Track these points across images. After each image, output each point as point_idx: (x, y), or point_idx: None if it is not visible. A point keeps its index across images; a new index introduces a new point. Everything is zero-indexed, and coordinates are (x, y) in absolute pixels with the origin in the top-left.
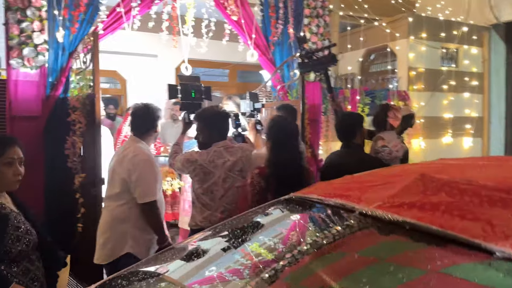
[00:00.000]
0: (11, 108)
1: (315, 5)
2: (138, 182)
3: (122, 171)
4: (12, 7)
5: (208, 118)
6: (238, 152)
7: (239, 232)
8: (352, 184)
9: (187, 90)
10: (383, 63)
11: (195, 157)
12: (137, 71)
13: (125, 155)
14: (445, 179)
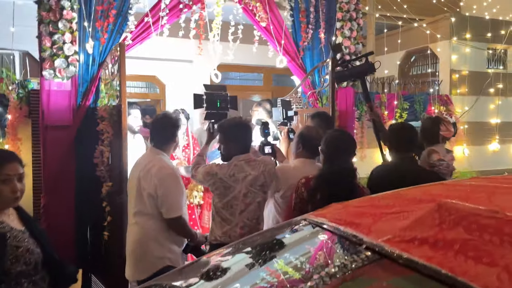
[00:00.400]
0: (44, 117)
1: (348, 8)
2: (164, 197)
3: (148, 186)
4: (44, 20)
5: (229, 129)
6: (260, 166)
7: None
8: (367, 209)
9: (212, 100)
10: (423, 65)
11: (215, 170)
12: (175, 76)
13: (149, 169)
14: (466, 209)
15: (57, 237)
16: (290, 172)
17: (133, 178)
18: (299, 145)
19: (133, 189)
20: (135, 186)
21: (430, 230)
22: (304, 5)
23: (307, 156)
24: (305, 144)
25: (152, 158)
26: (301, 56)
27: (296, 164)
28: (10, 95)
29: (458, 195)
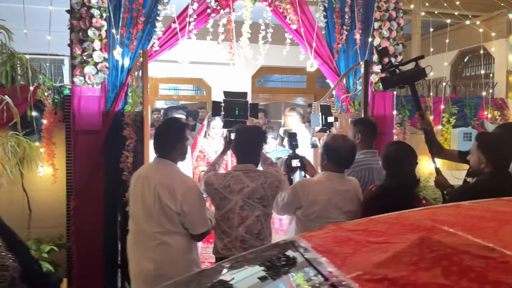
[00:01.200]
0: (74, 122)
1: (387, 7)
2: (192, 214)
3: (174, 205)
4: (75, 29)
5: (235, 137)
6: (260, 178)
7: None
8: (356, 235)
9: (230, 107)
10: (477, 66)
11: (212, 180)
12: (220, 79)
13: (168, 184)
14: (452, 245)
15: (86, 239)
16: (311, 187)
17: (146, 194)
18: (323, 156)
19: (150, 207)
20: (154, 204)
21: (404, 270)
22: (338, 5)
23: (333, 169)
24: (330, 156)
25: (168, 172)
26: (335, 59)
27: (320, 178)
28: (46, 101)
29: (463, 222)
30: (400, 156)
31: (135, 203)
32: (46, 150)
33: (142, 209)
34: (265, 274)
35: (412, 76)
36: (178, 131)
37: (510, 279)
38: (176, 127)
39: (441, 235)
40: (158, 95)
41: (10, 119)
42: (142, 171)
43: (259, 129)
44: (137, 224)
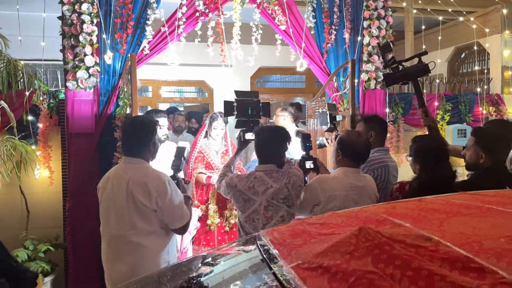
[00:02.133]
0: (68, 125)
1: (375, 5)
2: (170, 209)
3: (150, 203)
4: (66, 34)
5: (257, 138)
6: (283, 179)
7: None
8: (313, 228)
9: (243, 107)
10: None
11: (235, 182)
12: (221, 81)
13: (140, 182)
14: (387, 236)
15: (81, 239)
16: (328, 183)
17: (118, 195)
18: (338, 152)
19: (122, 208)
20: (127, 204)
21: (340, 258)
22: (327, 5)
23: (348, 165)
24: (345, 151)
25: (139, 169)
26: (325, 58)
27: (336, 174)
28: (41, 105)
29: (415, 215)
30: (435, 149)
31: (106, 206)
32: (42, 153)
33: (113, 211)
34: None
35: (416, 72)
36: (149, 129)
37: (431, 266)
38: (147, 125)
39: (387, 227)
40: (160, 97)
41: (6, 123)
42: (111, 173)
43: (282, 130)
44: (109, 228)
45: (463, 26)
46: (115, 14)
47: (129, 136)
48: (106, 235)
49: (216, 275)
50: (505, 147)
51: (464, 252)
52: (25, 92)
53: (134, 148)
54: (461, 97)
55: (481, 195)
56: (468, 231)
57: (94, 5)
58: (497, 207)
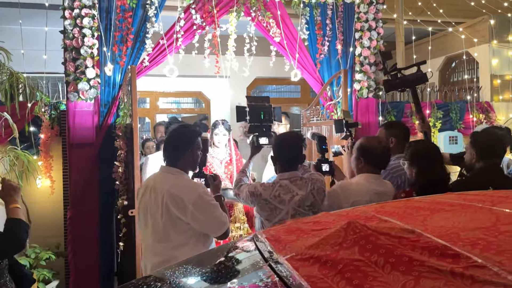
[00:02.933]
0: (70, 136)
1: (366, 17)
2: (208, 219)
3: (185, 216)
4: (68, 48)
5: (276, 143)
6: (307, 185)
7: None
8: (306, 226)
9: (255, 112)
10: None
11: (259, 191)
12: (218, 92)
13: (176, 195)
14: (373, 229)
15: (82, 247)
16: (351, 189)
17: (153, 206)
18: (360, 159)
19: (157, 220)
20: (161, 216)
21: (329, 249)
22: (319, 17)
23: (370, 171)
24: (367, 157)
25: (175, 181)
26: (318, 69)
27: (359, 180)
28: (43, 116)
29: (401, 212)
30: (431, 151)
31: (143, 215)
32: (44, 163)
33: (150, 222)
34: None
35: (415, 80)
36: (188, 138)
37: (412, 253)
38: (186, 134)
39: (374, 222)
40: (158, 109)
41: (9, 134)
42: (150, 182)
43: (299, 135)
44: (146, 237)
45: (452, 36)
46: (115, 28)
47: (169, 145)
48: (144, 242)
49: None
50: (497, 151)
51: (443, 242)
52: (27, 103)
53: (172, 157)
54: (452, 105)
55: (464, 194)
56: (448, 224)
57: (95, 19)
58: (477, 204)
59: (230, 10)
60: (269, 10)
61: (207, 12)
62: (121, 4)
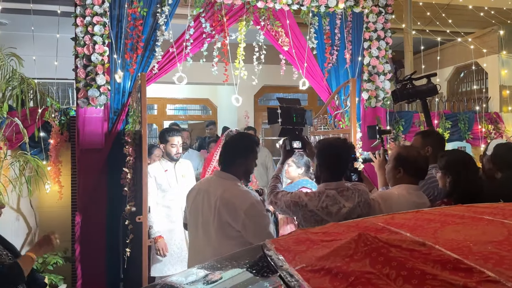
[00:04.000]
0: (79, 142)
1: (375, 27)
2: (257, 230)
3: (236, 223)
4: (79, 55)
5: (323, 150)
6: (354, 197)
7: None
8: (316, 236)
9: (288, 114)
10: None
11: (305, 201)
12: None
13: (229, 200)
14: (384, 241)
15: (89, 252)
16: (393, 200)
17: (206, 210)
18: (398, 169)
19: (209, 224)
20: (213, 221)
21: (340, 261)
22: (328, 27)
23: (409, 182)
24: (407, 167)
25: (229, 187)
26: (326, 77)
27: (398, 191)
28: (53, 122)
29: (411, 224)
30: (466, 160)
31: (194, 218)
32: (53, 168)
33: (201, 225)
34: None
35: (426, 91)
36: (247, 147)
37: (424, 267)
38: (246, 142)
39: (385, 234)
40: (166, 115)
41: (20, 139)
42: (203, 185)
43: (346, 141)
44: (197, 240)
45: (461, 47)
46: (126, 36)
47: (228, 150)
48: (192, 245)
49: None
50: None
51: (455, 255)
52: (38, 109)
53: (229, 163)
54: (461, 116)
55: (474, 206)
56: (460, 237)
57: (106, 27)
58: (488, 217)
59: (239, 19)
60: (278, 19)
61: (217, 20)
62: (132, 12)
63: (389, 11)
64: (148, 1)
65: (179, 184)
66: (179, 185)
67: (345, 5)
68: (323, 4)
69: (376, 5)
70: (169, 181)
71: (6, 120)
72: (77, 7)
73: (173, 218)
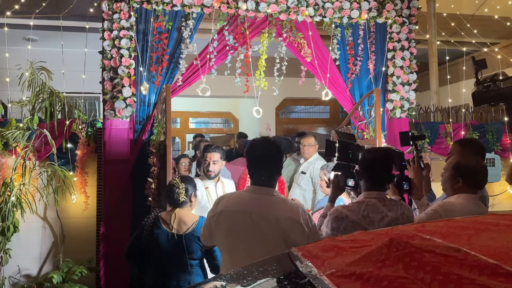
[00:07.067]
0: (105, 153)
1: (399, 38)
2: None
3: (299, 238)
4: (106, 67)
5: (367, 159)
6: (397, 208)
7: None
8: (344, 243)
9: (345, 150)
10: None
11: (345, 213)
12: (247, 112)
13: (290, 218)
14: (417, 246)
15: (113, 263)
16: (455, 211)
17: (266, 234)
18: (457, 178)
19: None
20: (279, 245)
21: (371, 266)
22: (351, 37)
23: (469, 191)
24: (466, 177)
25: (282, 203)
26: (349, 88)
27: (460, 201)
28: (80, 133)
29: (444, 231)
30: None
31: (233, 239)
32: (79, 179)
33: (242, 250)
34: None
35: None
36: (281, 155)
37: (461, 271)
38: (279, 150)
39: (416, 240)
40: (188, 128)
41: (48, 150)
42: (237, 207)
43: (391, 150)
44: (229, 266)
45: (487, 57)
46: (151, 49)
47: (264, 161)
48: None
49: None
50: None
51: (493, 261)
52: (65, 121)
53: (267, 175)
54: (488, 126)
55: (509, 215)
56: (496, 244)
57: (132, 40)
58: None
59: (262, 31)
60: (300, 31)
61: (240, 33)
62: (158, 26)
63: (412, 21)
64: (173, 15)
65: None
66: None
67: (368, 16)
68: (346, 15)
69: (400, 15)
70: (209, 199)
71: (35, 132)
72: (104, 21)
73: None
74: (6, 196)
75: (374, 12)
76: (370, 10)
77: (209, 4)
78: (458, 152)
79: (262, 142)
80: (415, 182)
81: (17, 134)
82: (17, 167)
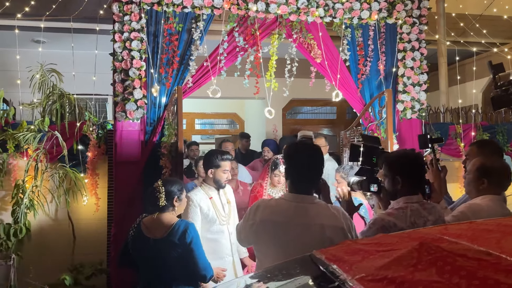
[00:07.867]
0: (116, 154)
1: (409, 38)
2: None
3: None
4: (117, 69)
5: (402, 163)
6: (435, 211)
7: None
8: (368, 247)
9: (369, 155)
10: None
11: (392, 221)
12: (253, 113)
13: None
14: (449, 249)
15: None
16: (483, 212)
17: (301, 242)
18: (482, 180)
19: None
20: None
21: (403, 270)
22: (361, 38)
23: (494, 192)
24: (492, 178)
25: (323, 210)
26: (359, 89)
27: (486, 202)
28: (91, 135)
29: (470, 234)
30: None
31: (276, 247)
32: (90, 181)
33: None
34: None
35: None
36: (322, 160)
37: (497, 275)
38: (320, 154)
39: (444, 244)
40: (194, 129)
41: (59, 152)
42: (278, 217)
43: (420, 154)
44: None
45: (497, 57)
46: (162, 51)
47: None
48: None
49: None
50: None
51: None
52: (76, 123)
53: (310, 182)
54: (499, 127)
55: None
56: None
57: (143, 42)
58: None
59: (272, 32)
60: (310, 32)
61: (250, 34)
62: (168, 28)
63: (423, 22)
64: (183, 17)
65: (225, 212)
66: (226, 214)
67: (378, 17)
68: (356, 16)
69: (410, 16)
70: (216, 210)
71: (47, 134)
72: (115, 23)
73: (221, 254)
74: (18, 198)
75: (384, 13)
76: (380, 11)
77: (219, 6)
78: (479, 153)
79: (306, 148)
80: (435, 186)
81: (28, 136)
82: (29, 169)
